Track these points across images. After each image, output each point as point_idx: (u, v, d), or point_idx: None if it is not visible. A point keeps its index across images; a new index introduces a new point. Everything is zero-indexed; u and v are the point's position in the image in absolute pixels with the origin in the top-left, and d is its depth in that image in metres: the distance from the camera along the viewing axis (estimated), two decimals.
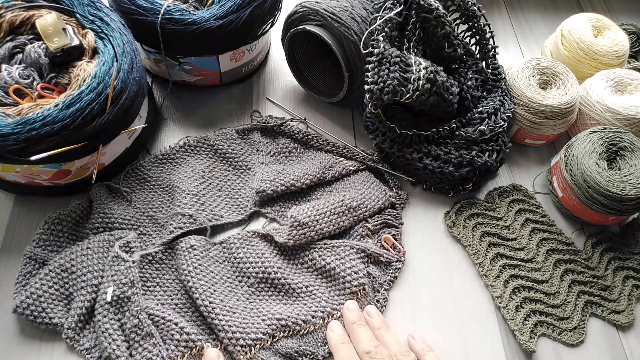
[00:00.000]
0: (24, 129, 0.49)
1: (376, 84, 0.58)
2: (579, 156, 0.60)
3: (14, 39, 0.57)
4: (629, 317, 0.57)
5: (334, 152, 0.66)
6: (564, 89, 0.65)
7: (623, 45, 0.72)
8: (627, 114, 0.64)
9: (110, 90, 0.52)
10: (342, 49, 0.62)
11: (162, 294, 0.54)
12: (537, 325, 0.56)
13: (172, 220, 0.58)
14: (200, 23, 0.60)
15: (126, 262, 0.53)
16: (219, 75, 0.69)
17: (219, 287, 0.54)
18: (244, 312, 0.53)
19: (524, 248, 0.61)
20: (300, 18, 0.64)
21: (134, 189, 0.61)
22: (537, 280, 0.58)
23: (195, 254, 0.55)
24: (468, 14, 0.68)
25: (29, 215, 0.59)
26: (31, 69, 0.55)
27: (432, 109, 0.62)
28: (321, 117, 0.71)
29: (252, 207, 0.61)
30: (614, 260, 0.61)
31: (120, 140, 0.58)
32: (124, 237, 0.56)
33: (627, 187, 0.57)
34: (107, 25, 0.57)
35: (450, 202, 0.64)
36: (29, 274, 0.53)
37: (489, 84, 0.68)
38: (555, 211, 0.65)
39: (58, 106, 0.50)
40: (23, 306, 0.50)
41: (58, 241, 0.56)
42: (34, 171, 0.54)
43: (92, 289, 0.52)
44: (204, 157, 0.65)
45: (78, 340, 0.51)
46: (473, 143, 0.63)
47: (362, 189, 0.62)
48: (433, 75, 0.59)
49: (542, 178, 0.68)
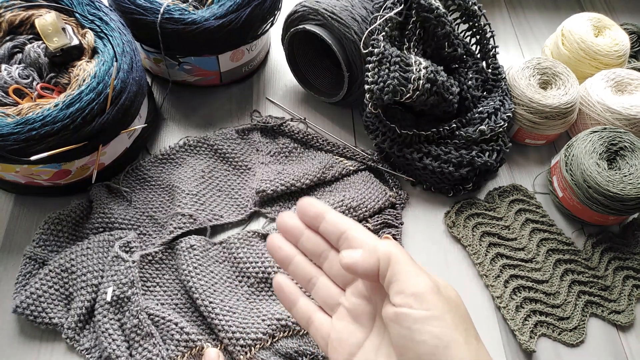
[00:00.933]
0: (23, 129, 0.49)
1: (376, 84, 0.57)
2: (579, 156, 0.60)
3: (13, 38, 0.56)
4: (629, 317, 0.57)
5: (334, 152, 0.66)
6: (564, 89, 0.65)
7: (623, 45, 0.72)
8: (627, 114, 0.64)
9: (110, 90, 0.52)
10: (342, 49, 0.62)
11: (162, 294, 0.54)
12: (537, 325, 0.56)
13: (172, 220, 0.57)
14: (200, 23, 0.59)
15: (126, 262, 0.53)
16: (219, 75, 0.69)
17: (219, 287, 0.54)
18: (244, 312, 0.53)
19: (524, 248, 0.61)
20: (300, 17, 0.64)
21: (133, 189, 0.61)
22: (537, 280, 0.58)
23: (195, 254, 0.55)
24: (468, 13, 0.68)
25: (28, 215, 0.59)
26: (31, 69, 0.55)
27: (432, 108, 0.62)
28: (321, 117, 0.71)
29: (252, 207, 0.61)
30: (614, 260, 0.61)
31: (120, 140, 0.58)
32: (123, 237, 0.56)
33: (627, 187, 0.57)
34: (107, 24, 0.57)
35: (450, 202, 0.64)
36: (29, 274, 0.53)
37: (489, 84, 0.67)
38: (555, 211, 0.65)
39: (58, 106, 0.50)
40: (23, 306, 0.50)
41: (58, 241, 0.55)
42: (33, 171, 0.54)
43: (92, 289, 0.52)
44: (203, 157, 0.65)
45: (78, 340, 0.51)
46: (473, 143, 0.63)
47: (362, 189, 0.62)
48: (433, 75, 0.59)
49: (542, 178, 0.68)
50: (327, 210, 0.33)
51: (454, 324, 0.28)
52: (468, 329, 0.29)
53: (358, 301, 0.33)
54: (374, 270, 0.30)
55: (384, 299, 0.30)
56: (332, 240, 0.33)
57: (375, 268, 0.30)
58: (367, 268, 0.30)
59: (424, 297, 0.28)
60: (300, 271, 0.35)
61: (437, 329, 0.27)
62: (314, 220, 0.34)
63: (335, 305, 0.34)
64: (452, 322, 0.28)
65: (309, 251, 0.35)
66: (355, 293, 0.33)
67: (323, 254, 0.34)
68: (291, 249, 0.35)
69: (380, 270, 0.30)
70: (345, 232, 0.32)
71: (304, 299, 0.35)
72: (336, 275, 0.34)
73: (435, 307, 0.28)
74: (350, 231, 0.32)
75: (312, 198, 0.34)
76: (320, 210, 0.33)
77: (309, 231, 0.34)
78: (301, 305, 0.35)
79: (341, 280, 0.34)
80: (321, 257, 0.34)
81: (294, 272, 0.35)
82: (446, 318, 0.28)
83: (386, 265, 0.29)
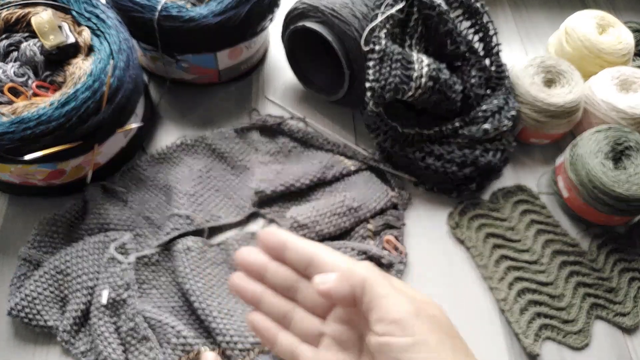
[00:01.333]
0: (18, 128, 0.48)
1: (377, 82, 0.57)
2: (584, 156, 0.59)
3: (9, 36, 0.56)
4: (634, 320, 0.56)
5: (334, 151, 0.65)
6: (569, 87, 0.65)
7: (628, 43, 0.71)
8: (632, 113, 0.63)
9: (106, 89, 0.52)
10: (342, 46, 0.61)
11: (159, 296, 0.53)
12: (541, 328, 0.55)
13: (168, 221, 0.57)
14: (198, 20, 0.59)
15: (121, 264, 0.52)
16: (217, 73, 0.68)
17: (216, 290, 0.53)
18: (242, 315, 0.52)
19: (529, 249, 0.60)
20: (300, 15, 0.63)
21: (130, 189, 0.60)
22: (541, 283, 0.58)
23: (192, 256, 0.54)
24: (471, 10, 0.67)
25: (23, 216, 0.58)
26: (26, 67, 0.55)
27: (434, 107, 0.62)
28: (321, 115, 0.70)
29: (250, 207, 0.60)
30: (619, 261, 0.60)
31: (116, 139, 0.58)
32: (119, 238, 0.55)
33: (633, 187, 0.56)
34: (103, 22, 0.57)
35: (453, 203, 0.63)
36: (23, 275, 0.53)
37: (492, 82, 0.67)
38: (560, 212, 0.64)
39: (53, 105, 0.50)
40: (18, 308, 0.50)
41: (53, 242, 0.55)
42: (28, 171, 0.53)
43: (88, 291, 0.51)
44: (201, 156, 0.64)
45: (73, 343, 0.50)
46: (477, 142, 0.62)
47: (363, 189, 0.61)
48: (436, 73, 0.58)
49: (547, 178, 0.67)
50: (289, 238, 0.32)
51: (440, 345, 0.28)
52: (455, 346, 0.28)
53: (341, 328, 0.31)
54: (350, 296, 0.29)
55: (367, 322, 0.29)
56: (300, 269, 0.32)
57: (351, 294, 0.29)
58: (343, 294, 0.29)
59: (405, 323, 0.28)
60: (273, 308, 0.33)
61: (422, 354, 0.27)
62: (277, 251, 0.32)
63: (318, 336, 0.32)
64: (437, 344, 0.27)
65: (278, 285, 0.33)
66: (337, 319, 0.32)
67: (294, 286, 0.32)
68: (257, 287, 0.33)
69: (356, 297, 0.29)
70: (313, 258, 0.31)
71: (284, 334, 0.33)
72: (313, 305, 0.33)
73: (419, 332, 0.27)
74: (318, 256, 0.31)
75: (273, 227, 0.32)
76: (282, 239, 0.32)
77: (274, 264, 0.33)
78: (282, 340, 0.33)
79: (319, 309, 0.33)
80: (292, 289, 0.33)
81: (267, 311, 0.33)
82: (431, 341, 0.27)
83: (361, 291, 0.28)
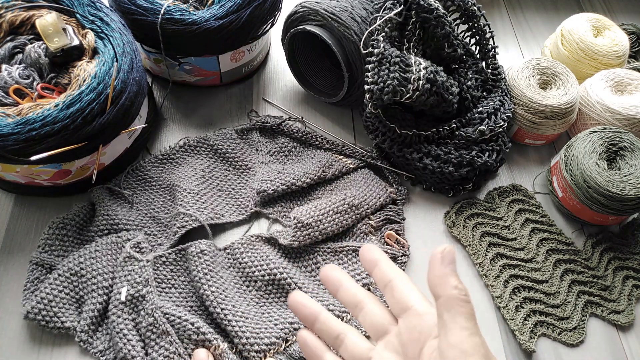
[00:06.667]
0: (24, 129, 0.49)
1: (376, 84, 0.57)
2: (579, 156, 0.60)
3: (14, 39, 0.56)
4: (628, 317, 0.57)
5: (333, 150, 0.66)
6: (564, 89, 0.65)
7: (623, 45, 0.72)
8: (627, 114, 0.64)
9: (110, 90, 0.52)
10: (342, 49, 0.62)
11: (177, 295, 0.54)
12: (537, 325, 0.56)
13: (175, 220, 0.57)
14: (200, 23, 0.59)
15: (140, 261, 0.52)
16: (219, 75, 0.69)
17: (230, 293, 0.53)
18: (256, 317, 0.52)
19: (524, 248, 0.61)
20: (300, 18, 0.64)
21: (134, 190, 0.61)
22: (537, 280, 0.58)
23: (206, 259, 0.54)
24: (468, 14, 0.68)
25: (29, 216, 0.59)
26: (31, 69, 0.55)
27: (432, 109, 0.62)
28: (321, 117, 0.71)
29: (252, 207, 0.61)
30: (613, 260, 0.61)
31: (120, 140, 0.58)
32: (132, 238, 0.55)
33: (627, 187, 0.57)
34: (107, 25, 0.57)
35: (450, 202, 0.64)
36: (36, 279, 0.53)
37: (488, 84, 0.68)
38: (555, 211, 0.65)
39: (58, 106, 0.50)
40: (34, 312, 0.50)
41: (63, 245, 0.55)
42: (34, 171, 0.54)
43: (103, 291, 0.51)
44: (204, 157, 0.65)
45: (91, 342, 0.50)
46: (473, 143, 0.63)
47: (363, 186, 0.62)
48: (433, 76, 0.59)
49: (542, 178, 0.68)
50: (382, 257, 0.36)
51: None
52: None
53: (390, 355, 0.32)
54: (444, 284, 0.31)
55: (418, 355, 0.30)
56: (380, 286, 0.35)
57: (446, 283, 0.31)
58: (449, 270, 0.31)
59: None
60: (327, 328, 0.35)
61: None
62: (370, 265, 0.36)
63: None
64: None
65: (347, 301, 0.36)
66: (389, 346, 0.33)
67: (362, 302, 0.35)
68: (315, 307, 0.36)
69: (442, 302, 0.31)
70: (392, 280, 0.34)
71: (330, 355, 0.35)
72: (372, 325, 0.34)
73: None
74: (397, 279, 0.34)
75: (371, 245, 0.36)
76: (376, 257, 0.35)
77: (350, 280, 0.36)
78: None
79: (376, 331, 0.34)
80: (358, 307, 0.35)
81: (320, 329, 0.35)
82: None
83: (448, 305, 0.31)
